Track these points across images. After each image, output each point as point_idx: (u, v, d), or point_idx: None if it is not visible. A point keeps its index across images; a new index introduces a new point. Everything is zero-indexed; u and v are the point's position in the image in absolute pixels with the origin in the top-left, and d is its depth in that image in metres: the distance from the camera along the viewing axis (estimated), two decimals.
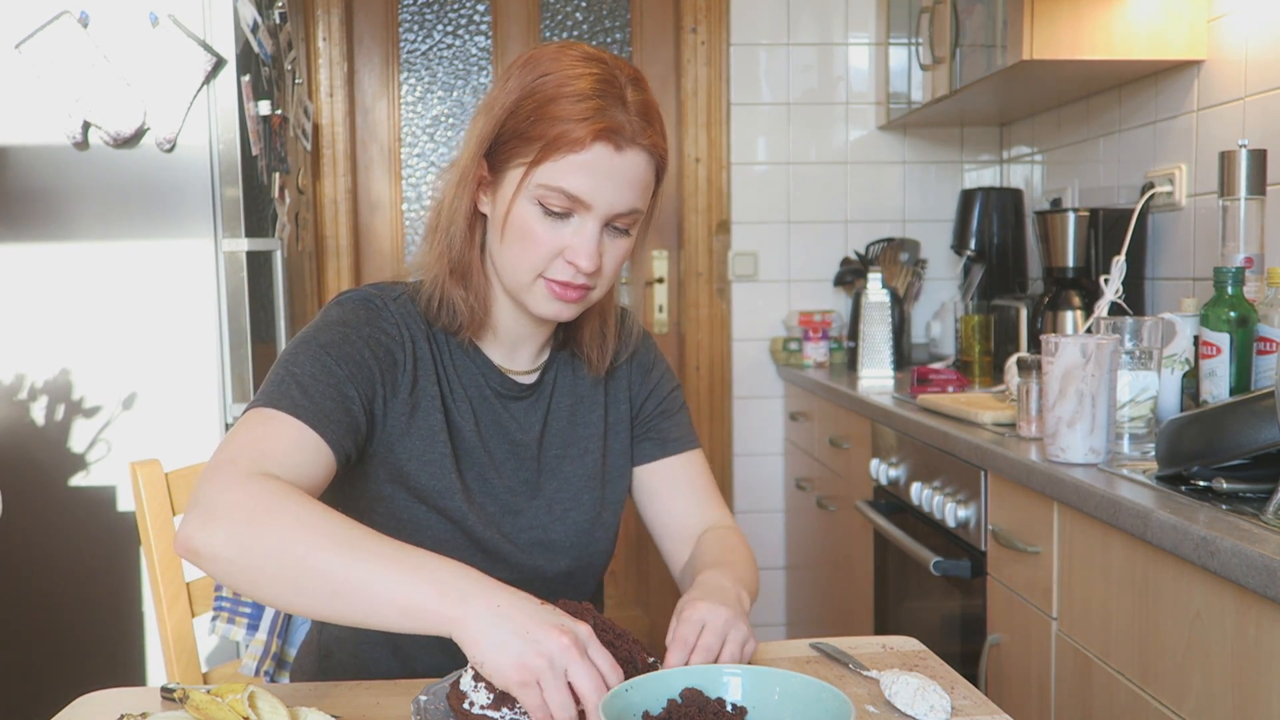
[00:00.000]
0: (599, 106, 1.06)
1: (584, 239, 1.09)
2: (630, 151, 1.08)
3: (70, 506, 2.25)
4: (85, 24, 2.18)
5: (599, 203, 1.08)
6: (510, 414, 1.23)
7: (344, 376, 1.08)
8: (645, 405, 1.33)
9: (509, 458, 1.23)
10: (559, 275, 1.11)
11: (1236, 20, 2.10)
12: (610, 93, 1.08)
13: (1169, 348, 1.73)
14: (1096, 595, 1.48)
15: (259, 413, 1.04)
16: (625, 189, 1.09)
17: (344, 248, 3.26)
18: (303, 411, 1.04)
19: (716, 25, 3.27)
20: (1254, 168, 1.76)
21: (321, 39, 3.23)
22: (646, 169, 1.11)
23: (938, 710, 0.96)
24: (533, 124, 1.08)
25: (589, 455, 1.27)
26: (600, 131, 1.06)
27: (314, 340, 1.10)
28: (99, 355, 2.25)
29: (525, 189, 1.09)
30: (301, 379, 1.06)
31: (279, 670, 1.41)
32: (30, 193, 2.22)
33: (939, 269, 3.34)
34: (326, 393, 1.06)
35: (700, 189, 3.31)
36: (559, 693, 0.84)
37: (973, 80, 2.49)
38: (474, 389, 1.21)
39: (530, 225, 1.10)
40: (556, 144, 1.06)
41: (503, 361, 1.23)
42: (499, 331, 1.22)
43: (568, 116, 1.06)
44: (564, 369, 1.29)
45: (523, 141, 1.09)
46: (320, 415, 1.05)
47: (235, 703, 0.86)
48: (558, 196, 1.08)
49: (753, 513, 3.39)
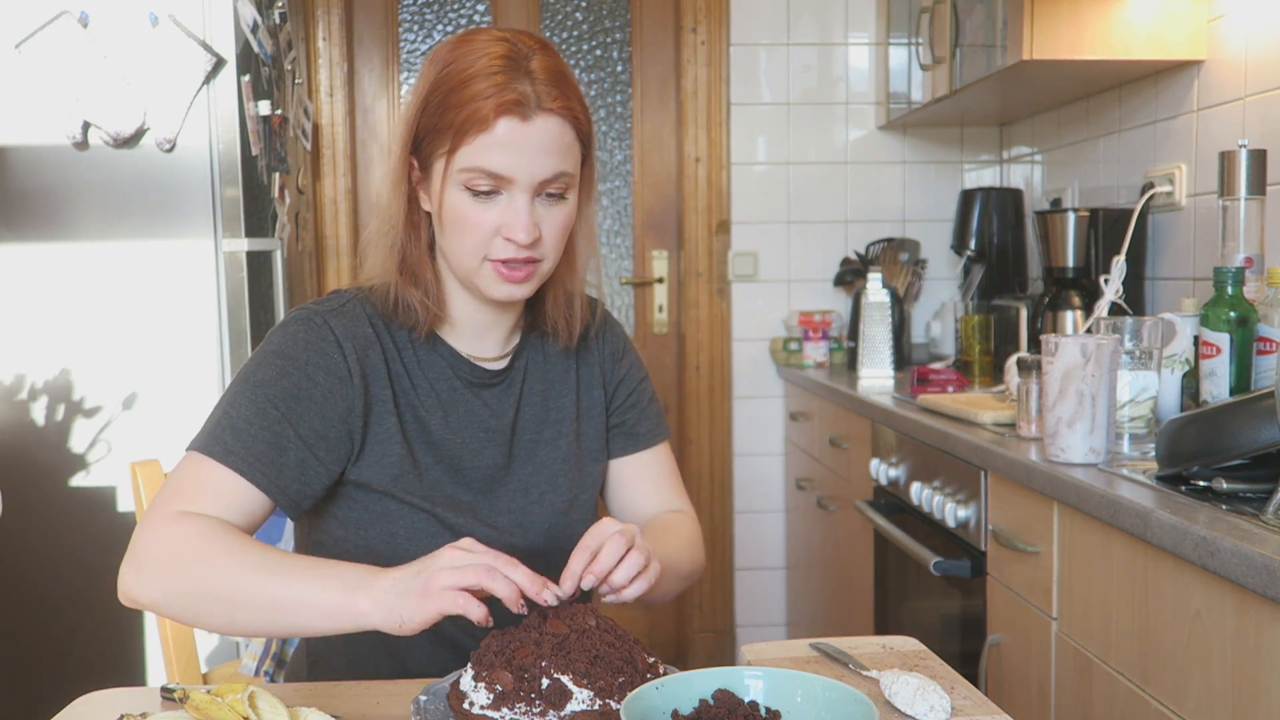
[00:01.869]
0: (500, 82, 1.09)
1: (515, 213, 1.12)
2: (539, 118, 1.10)
3: (70, 506, 2.25)
4: (85, 24, 2.18)
5: (520, 174, 1.11)
6: (483, 401, 1.25)
7: (277, 417, 1.12)
8: (617, 393, 1.36)
9: (485, 444, 1.24)
10: (501, 254, 1.14)
11: (1236, 20, 2.10)
12: (512, 66, 1.10)
13: (1169, 348, 1.73)
14: (1096, 595, 1.48)
15: (192, 457, 1.10)
16: (542, 156, 1.11)
17: (344, 248, 3.26)
18: (233, 458, 1.09)
19: (716, 25, 3.27)
20: (1254, 168, 1.76)
21: (321, 39, 3.23)
22: (562, 132, 1.12)
23: (938, 710, 0.96)
24: (443, 113, 1.11)
25: (563, 438, 1.30)
26: (502, 106, 1.09)
27: (252, 378, 1.14)
28: (99, 355, 2.25)
29: (450, 177, 1.12)
30: (236, 422, 1.11)
31: (279, 670, 1.41)
32: (30, 193, 2.22)
33: (939, 269, 3.34)
34: (259, 435, 1.10)
35: (700, 189, 3.31)
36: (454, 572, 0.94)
37: (973, 80, 2.49)
38: (441, 382, 1.23)
39: (463, 211, 1.13)
40: (465, 127, 1.10)
41: (471, 350, 1.26)
42: (462, 322, 1.24)
43: (473, 98, 1.09)
44: (534, 353, 1.31)
45: (437, 134, 1.12)
46: (251, 459, 1.10)
47: (235, 703, 0.86)
48: (480, 177, 1.11)
49: (753, 513, 3.39)
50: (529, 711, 0.87)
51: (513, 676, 0.89)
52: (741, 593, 3.42)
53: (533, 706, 0.88)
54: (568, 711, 0.87)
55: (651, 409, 1.38)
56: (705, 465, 3.38)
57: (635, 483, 1.36)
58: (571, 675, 0.89)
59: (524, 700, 0.88)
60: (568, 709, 0.88)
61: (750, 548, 3.40)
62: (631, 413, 1.36)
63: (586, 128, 1.16)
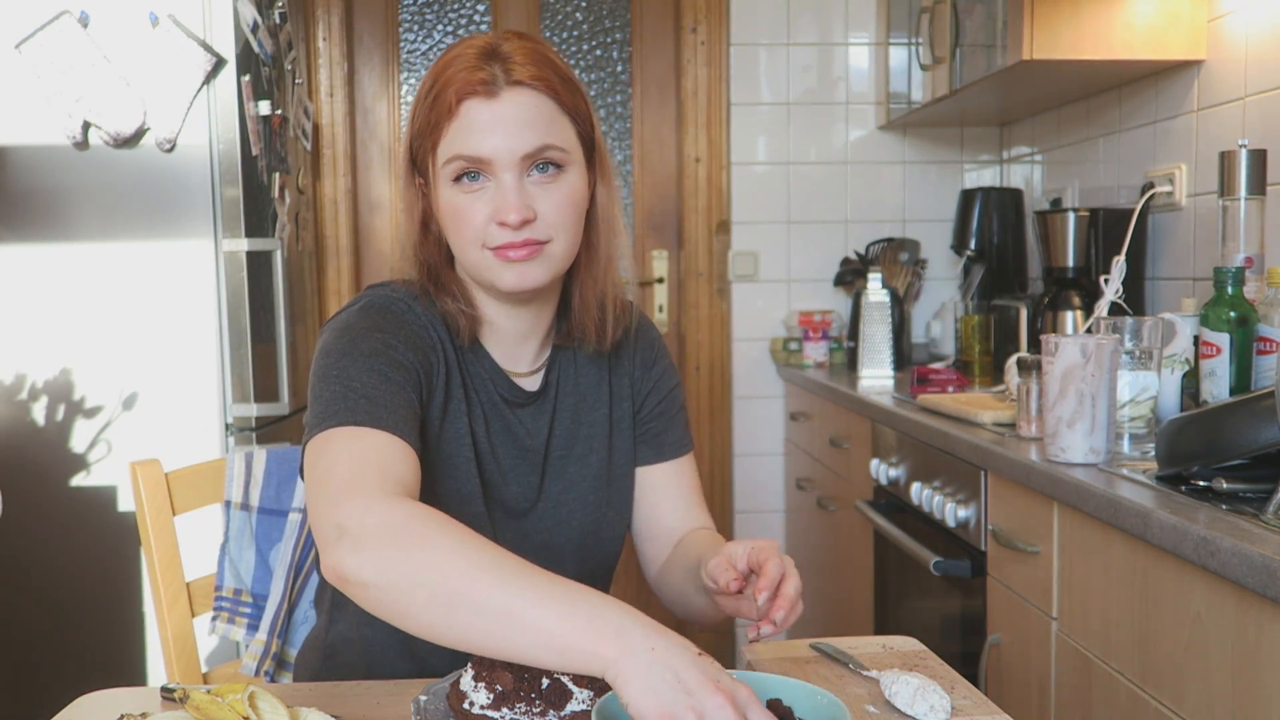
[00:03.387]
0: (468, 68, 1.09)
1: (502, 193, 1.10)
2: (508, 93, 1.09)
3: (70, 506, 2.25)
4: (85, 24, 2.18)
5: (496, 152, 1.09)
6: (518, 420, 1.22)
7: (401, 381, 1.07)
8: (647, 401, 1.31)
9: (516, 464, 1.22)
10: (497, 240, 1.11)
11: (1236, 20, 2.10)
12: (482, 56, 1.10)
13: (1169, 348, 1.73)
14: (1096, 595, 1.48)
15: (341, 431, 1.00)
16: (518, 129, 1.09)
17: (344, 248, 3.26)
18: (382, 421, 1.01)
19: (716, 25, 3.27)
20: (1254, 168, 1.76)
21: (321, 39, 3.23)
22: (539, 104, 1.10)
23: (938, 710, 0.96)
24: (425, 115, 1.12)
25: (594, 454, 1.26)
26: (463, 89, 1.08)
27: (355, 352, 1.08)
28: (99, 355, 2.25)
29: (440, 175, 1.12)
30: (365, 391, 1.04)
31: (279, 670, 1.41)
32: (30, 193, 2.22)
33: (939, 269, 3.34)
34: (395, 399, 1.05)
35: (700, 189, 3.31)
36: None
37: (973, 80, 2.49)
38: (485, 394, 1.20)
39: (455, 204, 1.12)
40: (439, 120, 1.10)
41: (506, 364, 1.22)
42: (497, 330, 1.21)
43: (443, 89, 1.10)
44: (566, 366, 1.27)
45: (424, 137, 1.13)
46: (398, 421, 1.03)
47: (235, 703, 0.86)
48: (460, 164, 1.10)
49: (753, 513, 3.39)
50: (529, 711, 0.87)
51: (513, 676, 0.89)
52: None
53: (533, 706, 0.88)
54: (568, 711, 0.87)
55: (680, 418, 1.33)
56: (705, 465, 3.38)
57: (661, 494, 1.31)
58: (572, 675, 0.89)
59: (524, 700, 0.88)
60: (568, 709, 0.88)
61: None
62: (659, 421, 1.31)
63: (572, 103, 1.13)
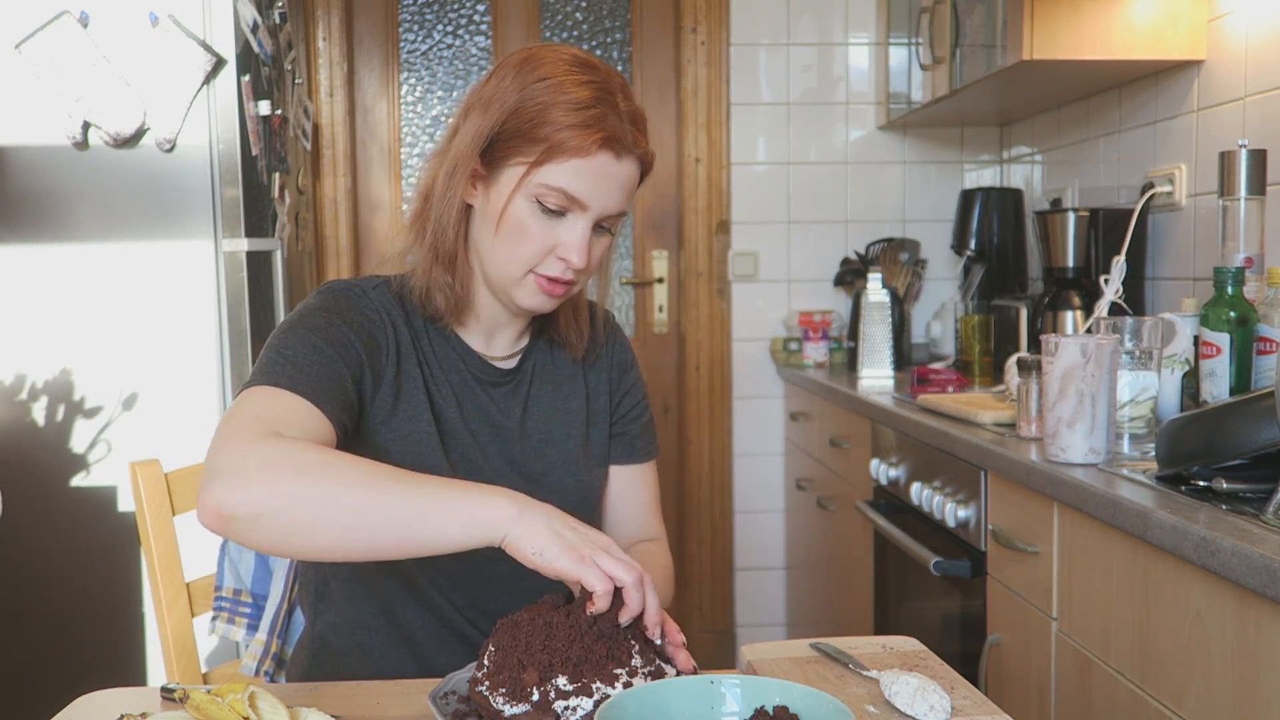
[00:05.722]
0: (600, 115, 1.13)
1: (576, 236, 1.15)
2: (627, 159, 1.15)
3: (70, 506, 2.25)
4: (85, 24, 2.18)
5: (595, 204, 1.15)
6: (491, 399, 1.27)
7: (334, 356, 1.12)
8: (624, 401, 1.38)
9: (493, 440, 1.26)
10: (550, 271, 1.17)
11: (1236, 20, 2.10)
12: (607, 100, 1.14)
13: (1169, 348, 1.73)
14: (1096, 595, 1.48)
15: (257, 390, 1.06)
16: (617, 192, 1.16)
17: (344, 248, 3.26)
18: (300, 386, 1.07)
19: (716, 25, 3.27)
20: (1254, 168, 1.76)
21: (321, 39, 3.23)
22: (635, 174, 1.18)
23: (938, 710, 0.96)
24: (535, 126, 1.13)
25: (570, 440, 1.31)
26: (605, 140, 1.12)
27: (299, 325, 1.14)
28: (99, 355, 2.25)
29: (524, 187, 1.14)
30: (294, 359, 1.09)
31: (279, 670, 1.41)
32: (30, 193, 2.22)
33: (939, 269, 3.34)
34: (320, 370, 1.09)
35: (700, 189, 3.31)
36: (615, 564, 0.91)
37: (973, 80, 2.49)
38: (455, 374, 1.25)
39: (525, 222, 1.15)
40: (562, 148, 1.12)
41: (481, 348, 1.27)
42: (478, 319, 1.26)
43: (571, 123, 1.12)
44: (542, 356, 1.33)
45: (525, 142, 1.13)
46: (317, 389, 1.08)
47: (235, 703, 0.86)
48: (556, 196, 1.13)
49: (753, 513, 3.39)
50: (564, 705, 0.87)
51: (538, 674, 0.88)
52: (741, 593, 3.42)
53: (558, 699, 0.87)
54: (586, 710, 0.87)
55: (650, 426, 1.41)
56: (705, 465, 3.38)
57: (621, 496, 1.37)
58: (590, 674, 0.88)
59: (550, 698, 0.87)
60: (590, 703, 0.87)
61: (750, 548, 3.40)
62: (634, 425, 1.38)
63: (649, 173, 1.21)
